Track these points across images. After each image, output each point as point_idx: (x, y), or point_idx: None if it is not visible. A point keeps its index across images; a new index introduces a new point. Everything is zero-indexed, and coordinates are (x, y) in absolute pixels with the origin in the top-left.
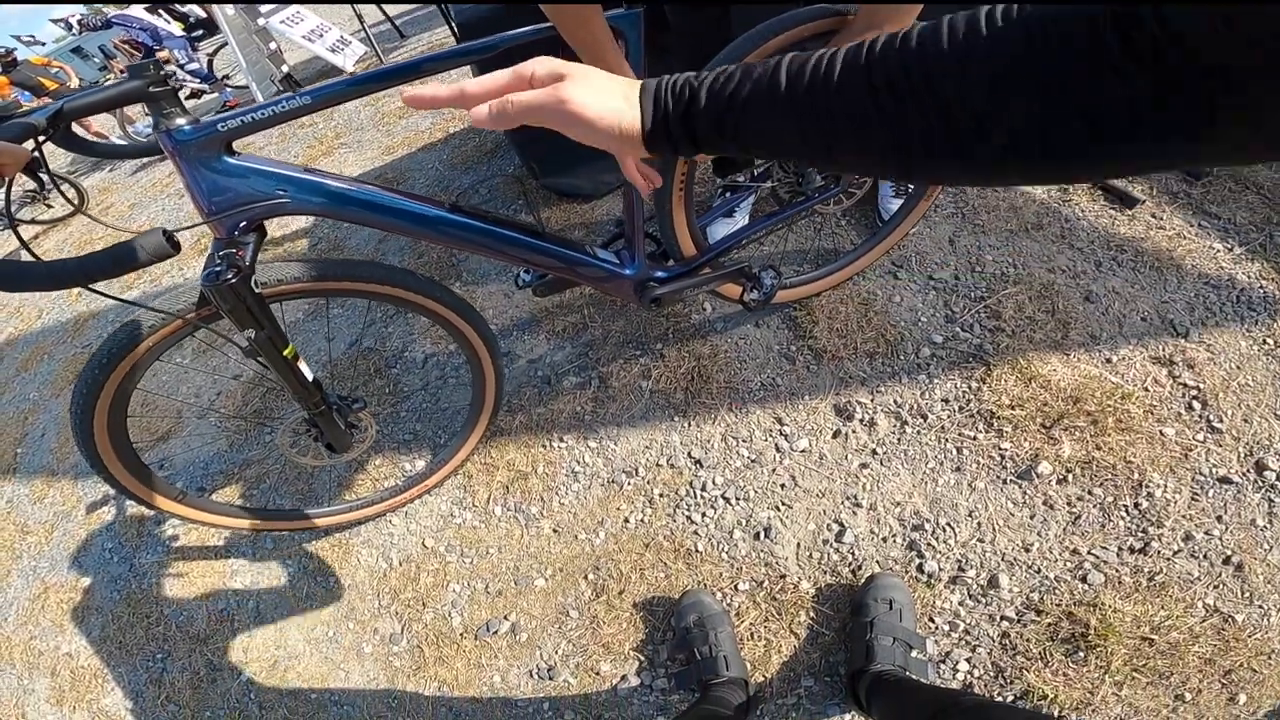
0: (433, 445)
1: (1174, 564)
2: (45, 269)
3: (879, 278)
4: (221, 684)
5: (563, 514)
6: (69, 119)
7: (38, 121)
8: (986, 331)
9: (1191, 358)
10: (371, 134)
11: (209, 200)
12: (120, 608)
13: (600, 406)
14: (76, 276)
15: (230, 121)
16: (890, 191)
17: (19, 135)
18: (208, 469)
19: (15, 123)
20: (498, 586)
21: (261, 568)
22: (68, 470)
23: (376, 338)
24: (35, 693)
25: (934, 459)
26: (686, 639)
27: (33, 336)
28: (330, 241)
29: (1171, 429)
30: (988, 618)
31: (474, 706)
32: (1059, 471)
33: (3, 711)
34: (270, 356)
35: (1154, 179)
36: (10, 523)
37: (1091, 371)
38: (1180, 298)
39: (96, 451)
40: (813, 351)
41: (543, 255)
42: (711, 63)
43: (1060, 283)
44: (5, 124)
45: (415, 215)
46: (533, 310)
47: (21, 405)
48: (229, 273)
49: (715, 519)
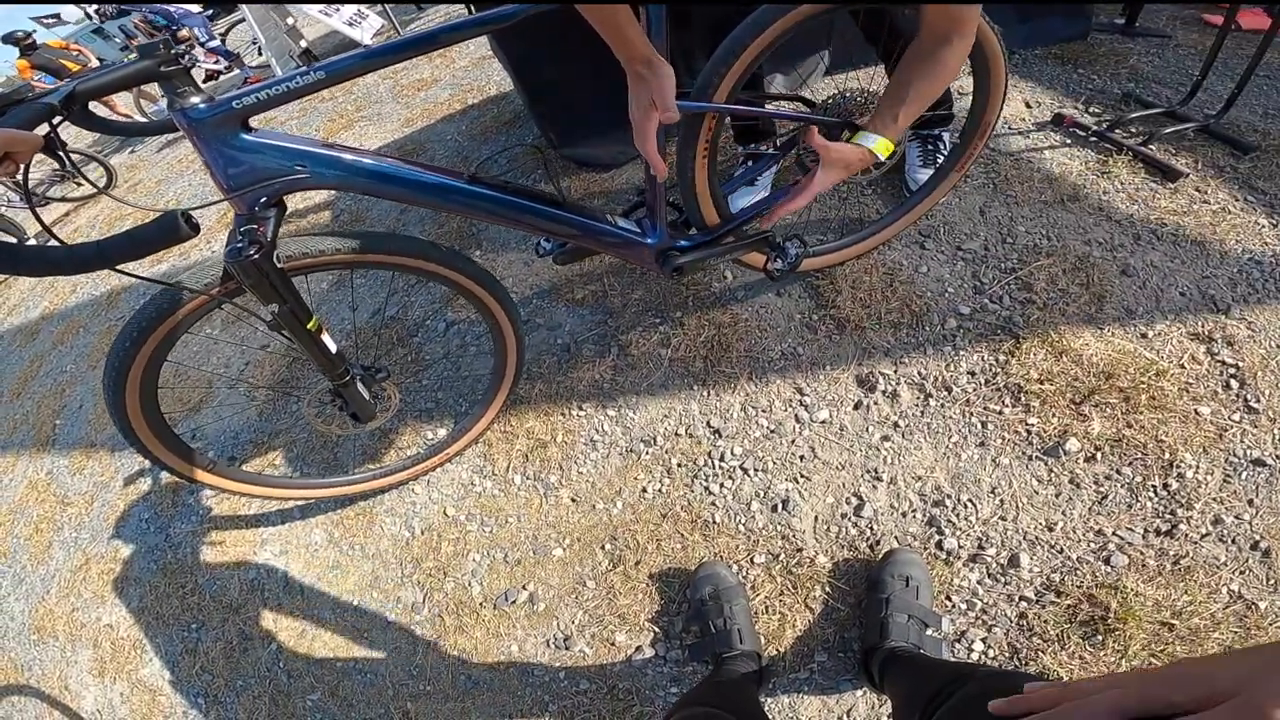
0: (454, 413)
1: (1201, 548)
2: (66, 253)
3: (905, 248)
4: (253, 653)
5: (581, 483)
6: (83, 100)
7: (51, 104)
8: (1016, 304)
9: (1231, 334)
10: (391, 107)
11: (227, 177)
12: (157, 578)
13: (619, 375)
14: (96, 260)
15: (246, 98)
16: (919, 162)
17: (29, 121)
18: (237, 439)
19: (26, 107)
20: (516, 556)
21: (290, 536)
22: (105, 441)
23: (399, 307)
24: (78, 664)
25: (958, 433)
26: (701, 611)
27: (68, 311)
28: (351, 214)
29: (1207, 408)
30: (1006, 598)
31: (492, 675)
32: (1087, 449)
33: (46, 684)
34: (294, 330)
35: (1199, 152)
36: (50, 495)
37: (1126, 346)
38: (1222, 273)
39: (129, 423)
40: (835, 321)
41: (563, 224)
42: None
43: (1096, 255)
44: (16, 110)
45: (434, 186)
46: (552, 279)
47: (59, 378)
48: (251, 248)
49: (733, 490)
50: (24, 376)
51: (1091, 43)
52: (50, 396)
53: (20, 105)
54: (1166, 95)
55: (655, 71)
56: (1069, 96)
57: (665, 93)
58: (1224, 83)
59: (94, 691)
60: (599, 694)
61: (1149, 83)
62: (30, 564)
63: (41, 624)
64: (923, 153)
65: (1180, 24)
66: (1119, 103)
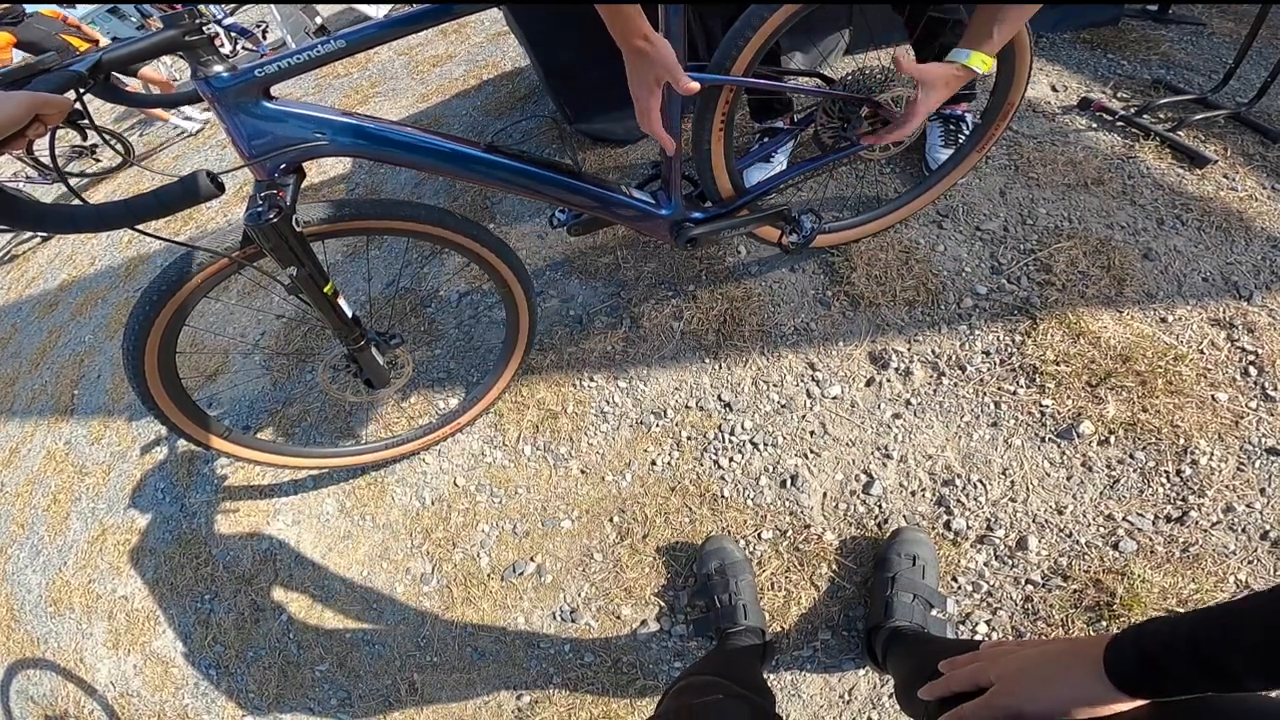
0: (466, 383)
1: (1210, 536)
2: (94, 211)
3: (923, 226)
4: (264, 624)
5: (591, 455)
6: (108, 69)
7: (79, 73)
8: (1035, 285)
9: (1253, 321)
10: (406, 82)
11: (249, 144)
12: (172, 548)
13: (631, 347)
14: (124, 217)
15: (267, 67)
16: (940, 141)
17: (60, 86)
18: (253, 407)
19: (53, 76)
20: (525, 527)
21: (303, 506)
22: (123, 410)
23: (413, 278)
24: (93, 637)
25: (970, 413)
26: (707, 586)
27: (86, 281)
28: (367, 187)
29: (1224, 394)
30: (1012, 580)
31: (498, 647)
32: (1101, 432)
33: (62, 657)
34: (311, 293)
35: (1229, 140)
36: (69, 464)
37: (1145, 330)
38: (1246, 260)
39: (147, 387)
40: (849, 297)
41: (579, 195)
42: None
43: (1118, 239)
44: (42, 78)
45: (452, 155)
46: (565, 251)
47: (77, 348)
48: (270, 213)
49: (742, 464)
50: (43, 347)
51: (1123, 28)
52: (69, 367)
53: (46, 74)
54: (1198, 82)
55: (657, 46)
56: (1097, 81)
57: (672, 65)
58: (1258, 71)
59: (108, 664)
60: (603, 667)
61: (1181, 69)
62: (48, 535)
63: (58, 596)
64: (945, 132)
65: (1216, 12)
66: (1148, 89)
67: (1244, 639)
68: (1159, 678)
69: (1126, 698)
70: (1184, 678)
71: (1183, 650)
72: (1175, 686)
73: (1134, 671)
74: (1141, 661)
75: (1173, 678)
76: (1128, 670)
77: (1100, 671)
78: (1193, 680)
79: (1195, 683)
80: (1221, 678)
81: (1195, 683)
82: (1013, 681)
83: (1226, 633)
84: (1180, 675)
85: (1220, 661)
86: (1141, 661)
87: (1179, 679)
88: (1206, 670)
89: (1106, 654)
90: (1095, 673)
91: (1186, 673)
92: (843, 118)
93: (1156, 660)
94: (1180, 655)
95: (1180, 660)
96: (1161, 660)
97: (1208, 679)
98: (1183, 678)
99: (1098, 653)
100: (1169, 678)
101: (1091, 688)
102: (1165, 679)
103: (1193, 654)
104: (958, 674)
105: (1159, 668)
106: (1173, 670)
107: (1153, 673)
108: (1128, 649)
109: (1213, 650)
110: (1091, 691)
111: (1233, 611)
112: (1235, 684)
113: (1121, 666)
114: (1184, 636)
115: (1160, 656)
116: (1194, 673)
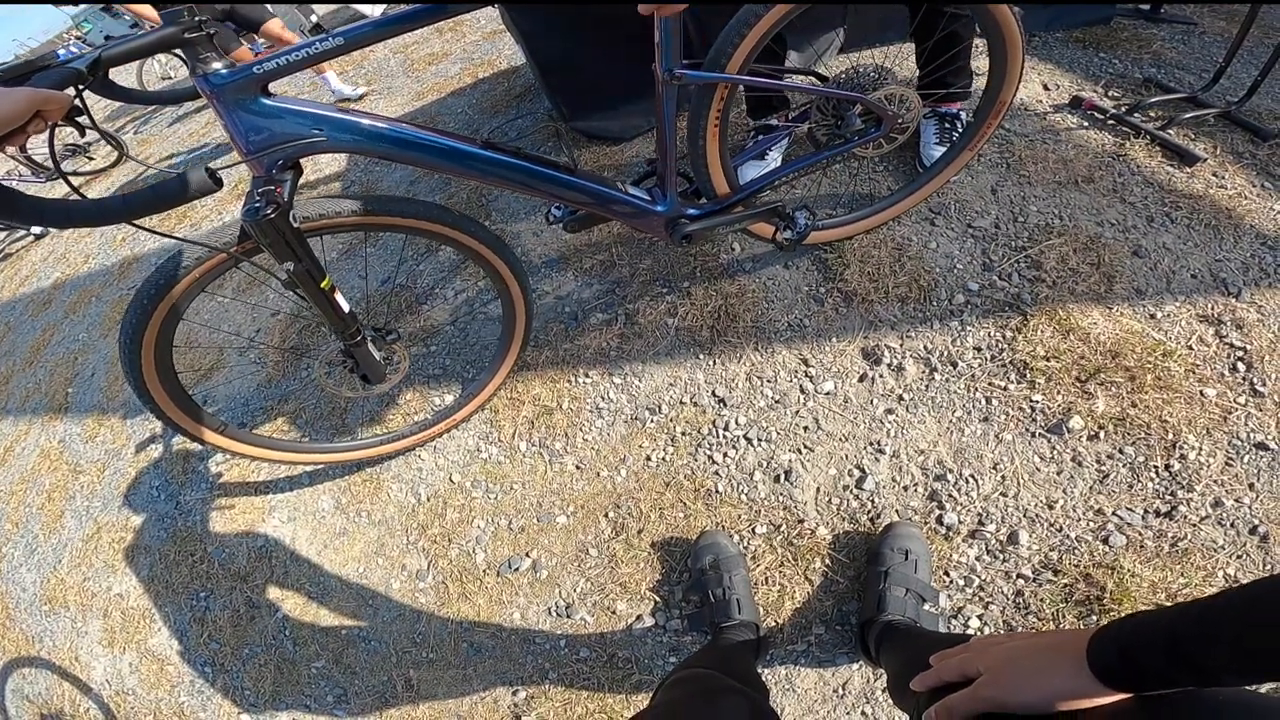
0: (462, 380)
1: (1199, 530)
2: (93, 205)
3: (915, 223)
4: (259, 621)
5: (586, 450)
6: (107, 66)
7: (78, 70)
8: (1025, 281)
9: (1241, 318)
10: (402, 81)
11: (247, 140)
12: (167, 546)
13: (626, 343)
14: (122, 212)
15: (266, 64)
16: (934, 139)
17: (60, 82)
18: (248, 404)
19: (56, 70)
20: (521, 523)
21: (298, 503)
22: (118, 408)
23: (409, 275)
24: (88, 635)
25: (961, 408)
26: (701, 580)
27: (80, 280)
28: (363, 185)
29: (1212, 390)
30: (1004, 574)
31: (494, 643)
32: (1091, 428)
33: (57, 655)
34: (308, 288)
35: (1218, 138)
36: (63, 463)
37: (1134, 326)
38: (1235, 257)
39: (143, 381)
40: (842, 294)
41: (575, 191)
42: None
43: (1108, 236)
44: (46, 71)
45: (449, 151)
46: (561, 248)
47: (71, 346)
48: (268, 208)
49: (736, 460)
50: (37, 345)
51: (1114, 27)
52: (63, 365)
53: (45, 70)
54: (1189, 81)
55: None
56: (1088, 80)
57: None
58: (1248, 70)
59: (104, 662)
60: (599, 662)
61: (1172, 68)
62: (43, 534)
63: (53, 594)
64: (939, 130)
65: (1208, 11)
66: (1139, 87)
67: (1221, 634)
68: (1138, 672)
69: (1109, 691)
70: (1163, 672)
71: (1161, 645)
72: (1155, 681)
73: (1115, 665)
74: (1122, 655)
75: (1152, 672)
76: (1109, 664)
77: (1083, 665)
78: (1171, 675)
79: (1174, 677)
80: (1199, 672)
81: (1174, 677)
82: (999, 673)
83: (1203, 628)
84: (1159, 670)
85: (1198, 657)
86: (1122, 655)
87: (1158, 673)
88: (1184, 665)
89: (1089, 647)
90: (1079, 666)
91: (1165, 667)
92: (837, 114)
93: (1136, 655)
94: (1158, 650)
95: (1159, 655)
96: (1141, 655)
97: (1186, 674)
98: (1162, 672)
99: (1081, 646)
100: (1148, 672)
101: (1075, 680)
102: (1145, 673)
103: (1171, 649)
104: (947, 665)
105: (1138, 662)
106: (1152, 665)
107: (1132, 667)
108: (1109, 643)
109: (1190, 646)
110: (1075, 684)
111: (1210, 607)
112: (1213, 679)
113: (1103, 660)
114: (1163, 631)
115: (1139, 651)
116: (1172, 667)
